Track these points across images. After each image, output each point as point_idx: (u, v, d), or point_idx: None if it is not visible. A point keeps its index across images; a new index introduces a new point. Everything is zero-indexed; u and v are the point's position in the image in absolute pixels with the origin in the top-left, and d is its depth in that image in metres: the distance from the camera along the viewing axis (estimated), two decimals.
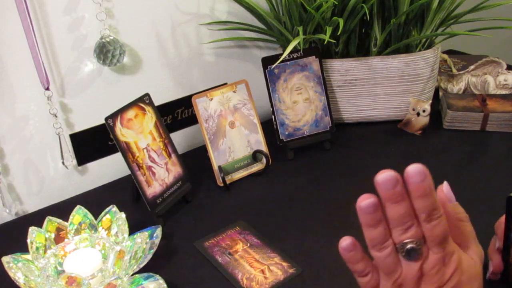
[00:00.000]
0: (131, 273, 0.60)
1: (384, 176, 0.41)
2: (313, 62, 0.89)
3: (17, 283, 0.57)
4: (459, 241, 0.44)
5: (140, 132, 0.74)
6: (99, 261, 0.60)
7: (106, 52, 0.79)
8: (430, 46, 0.95)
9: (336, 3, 0.84)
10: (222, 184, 0.82)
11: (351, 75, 0.93)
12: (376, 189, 0.41)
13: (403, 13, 0.86)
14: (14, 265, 0.58)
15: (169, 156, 0.78)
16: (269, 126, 0.90)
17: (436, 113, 0.99)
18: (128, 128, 0.72)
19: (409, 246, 0.41)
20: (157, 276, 0.59)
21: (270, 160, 0.86)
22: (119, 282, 0.58)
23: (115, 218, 0.65)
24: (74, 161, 0.85)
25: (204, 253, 0.67)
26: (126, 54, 0.84)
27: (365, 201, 0.42)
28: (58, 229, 0.65)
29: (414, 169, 0.42)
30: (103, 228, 0.66)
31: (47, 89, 0.76)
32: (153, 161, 0.75)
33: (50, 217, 0.65)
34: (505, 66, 1.05)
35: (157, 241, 0.63)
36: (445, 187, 0.46)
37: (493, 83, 1.03)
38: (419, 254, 0.41)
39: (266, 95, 0.87)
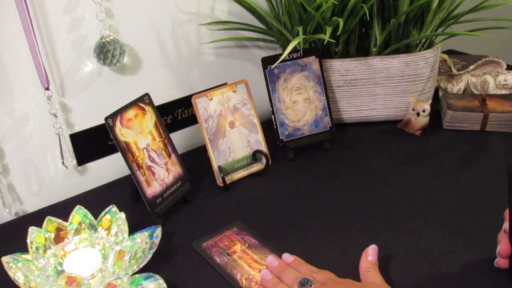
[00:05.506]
0: (131, 273, 0.60)
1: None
2: (313, 62, 0.89)
3: (17, 283, 0.57)
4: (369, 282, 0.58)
5: (140, 132, 0.74)
6: (99, 261, 0.61)
7: (106, 52, 0.79)
8: (430, 46, 0.95)
9: (336, 3, 0.84)
10: (221, 184, 0.82)
11: (351, 75, 0.93)
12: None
13: (403, 13, 0.86)
14: (14, 265, 0.58)
15: (169, 156, 0.78)
16: (269, 126, 0.90)
17: (436, 113, 0.99)
18: (128, 128, 0.72)
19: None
20: (157, 276, 0.59)
21: (270, 160, 0.86)
22: (119, 282, 0.58)
23: (115, 218, 0.65)
24: (74, 161, 0.85)
25: (202, 254, 0.67)
26: (126, 54, 0.84)
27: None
28: (58, 229, 0.65)
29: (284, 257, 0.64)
30: (103, 228, 0.66)
31: (47, 89, 0.77)
32: (152, 161, 0.75)
33: (50, 217, 0.65)
34: (505, 66, 1.05)
35: (157, 241, 0.63)
36: (371, 250, 0.61)
37: (493, 83, 1.03)
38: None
39: (266, 95, 0.88)
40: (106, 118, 0.70)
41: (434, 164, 0.85)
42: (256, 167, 0.86)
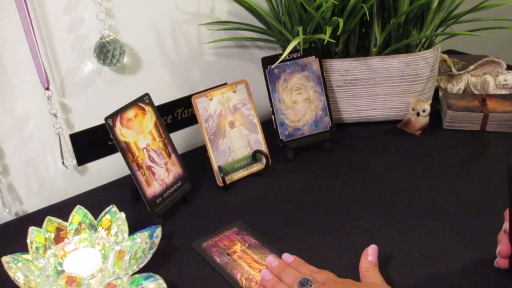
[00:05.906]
0: (131, 273, 0.60)
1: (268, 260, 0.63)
2: (313, 62, 0.89)
3: (17, 283, 0.57)
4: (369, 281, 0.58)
5: (140, 132, 0.74)
6: (99, 261, 0.61)
7: (106, 52, 0.79)
8: (430, 46, 0.95)
9: (336, 3, 0.84)
10: (221, 184, 0.82)
11: (351, 75, 0.93)
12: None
13: (403, 13, 0.86)
14: (14, 265, 0.58)
15: (169, 156, 0.78)
16: (269, 126, 0.90)
17: (436, 113, 0.99)
18: (128, 128, 0.72)
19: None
20: (157, 276, 0.59)
21: (270, 160, 0.86)
22: (119, 282, 0.58)
23: (115, 218, 0.65)
24: (74, 161, 0.85)
25: (202, 254, 0.67)
26: (126, 54, 0.84)
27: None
28: (58, 229, 0.65)
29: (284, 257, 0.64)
30: (103, 228, 0.66)
31: (47, 89, 0.77)
32: (152, 161, 0.75)
33: (50, 217, 0.65)
34: (505, 66, 1.05)
35: (157, 241, 0.63)
36: (371, 250, 0.61)
37: (493, 83, 1.03)
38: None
39: (266, 95, 0.88)
40: (106, 118, 0.70)
41: (434, 164, 0.85)
42: (256, 167, 0.86)
